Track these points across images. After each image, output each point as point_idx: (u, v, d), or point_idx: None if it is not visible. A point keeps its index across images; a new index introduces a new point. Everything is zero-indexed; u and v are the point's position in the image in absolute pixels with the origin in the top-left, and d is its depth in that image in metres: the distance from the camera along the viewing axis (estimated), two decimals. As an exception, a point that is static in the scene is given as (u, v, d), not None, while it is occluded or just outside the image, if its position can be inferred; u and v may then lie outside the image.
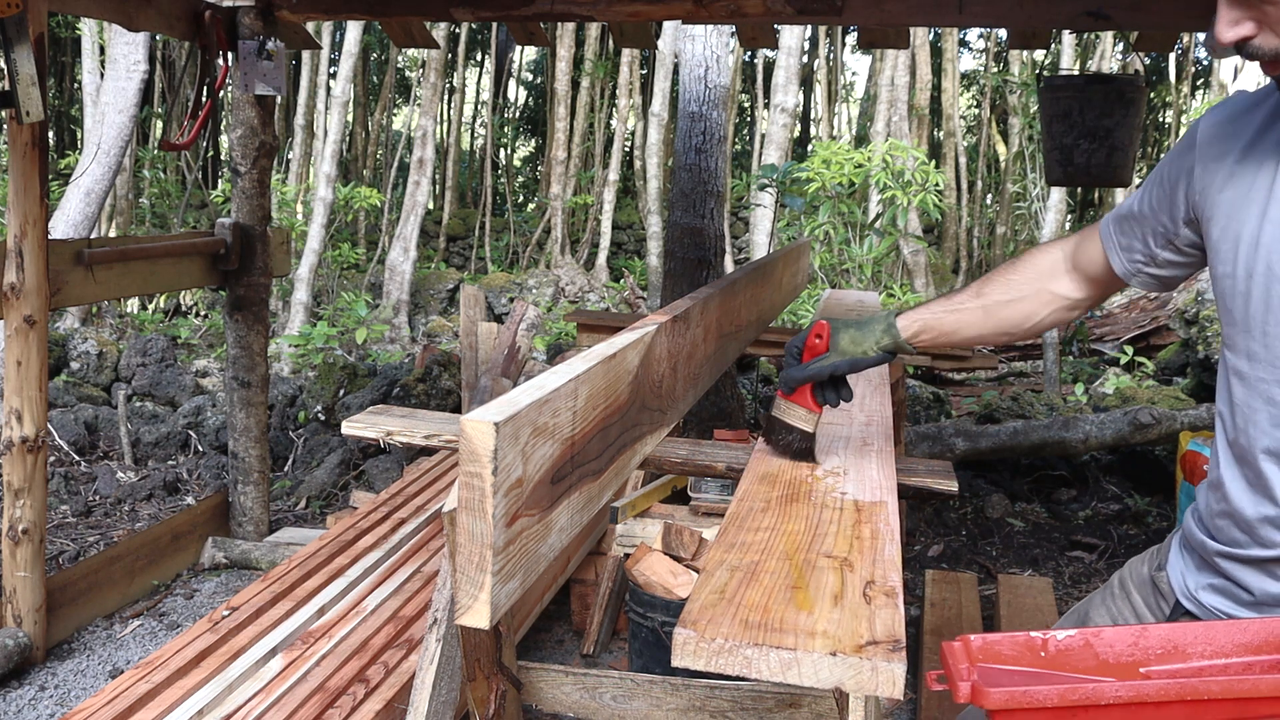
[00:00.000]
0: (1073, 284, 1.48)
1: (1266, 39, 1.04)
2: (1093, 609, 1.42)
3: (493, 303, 11.71)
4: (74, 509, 4.45)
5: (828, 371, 1.55)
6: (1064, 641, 1.04)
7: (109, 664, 3.17)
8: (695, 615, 1.05)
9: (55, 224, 6.03)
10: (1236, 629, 1.03)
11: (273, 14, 3.84)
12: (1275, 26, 1.03)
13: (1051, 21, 3.69)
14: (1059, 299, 1.48)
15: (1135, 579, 1.37)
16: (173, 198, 12.60)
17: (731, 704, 2.49)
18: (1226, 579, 1.21)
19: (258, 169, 3.95)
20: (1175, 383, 7.37)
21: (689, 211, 4.87)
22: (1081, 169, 3.80)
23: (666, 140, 12.84)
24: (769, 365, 6.63)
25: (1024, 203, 13.07)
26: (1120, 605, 1.37)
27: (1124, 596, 1.38)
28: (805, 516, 1.39)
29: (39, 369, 3.09)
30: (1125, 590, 1.38)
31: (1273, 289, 1.11)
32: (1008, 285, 1.50)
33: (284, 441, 5.31)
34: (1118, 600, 1.38)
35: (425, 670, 2.04)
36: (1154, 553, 1.38)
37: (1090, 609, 1.42)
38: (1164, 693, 0.94)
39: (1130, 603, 1.36)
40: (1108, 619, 1.38)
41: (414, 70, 17.67)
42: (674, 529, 2.98)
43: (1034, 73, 11.02)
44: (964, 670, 1.00)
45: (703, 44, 4.86)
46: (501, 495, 0.94)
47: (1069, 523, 4.68)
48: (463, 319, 3.79)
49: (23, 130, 2.98)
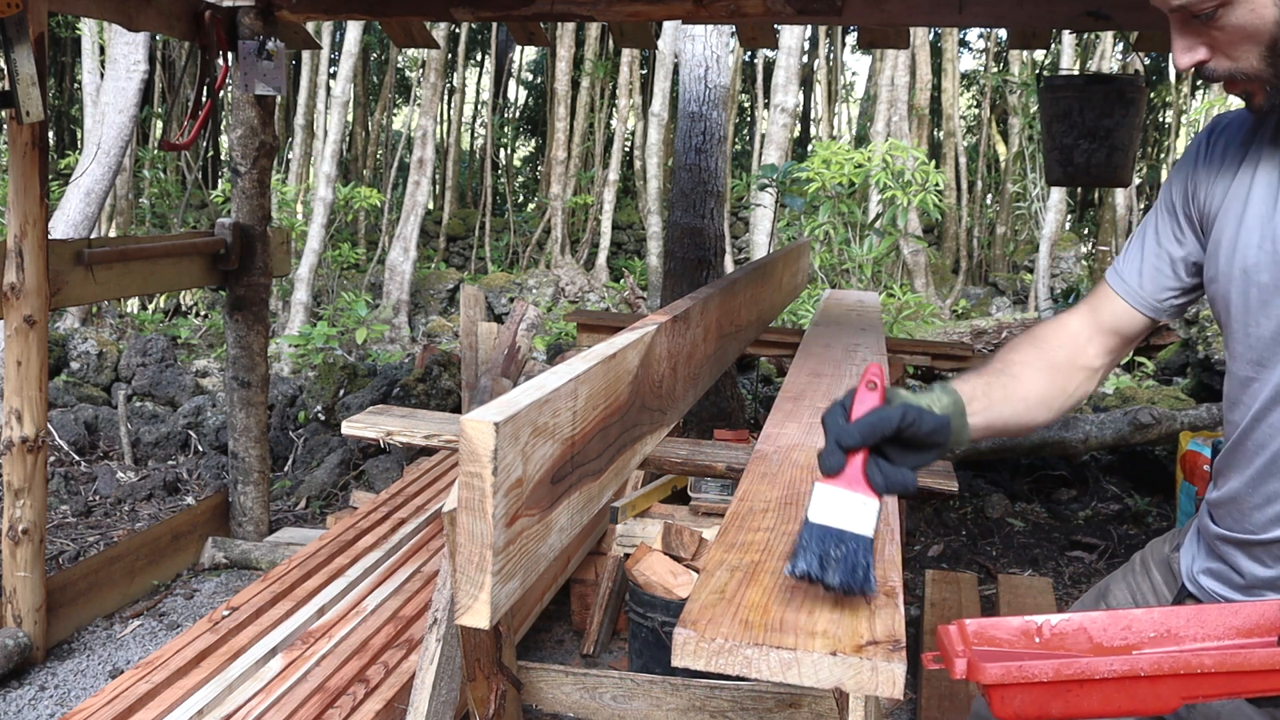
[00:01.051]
0: (1097, 349, 1.38)
1: (1220, 62, 1.10)
2: (1113, 584, 1.48)
3: (493, 303, 11.72)
4: (74, 509, 4.45)
5: (896, 420, 1.08)
6: (1058, 626, 1.05)
7: (109, 664, 3.17)
8: (695, 615, 1.05)
9: (55, 224, 6.03)
10: (1228, 612, 1.04)
11: (273, 14, 3.84)
12: (1226, 50, 1.09)
13: (1051, 21, 3.69)
14: (1084, 369, 1.37)
15: (1155, 558, 1.44)
16: (173, 198, 12.60)
17: (731, 704, 2.49)
18: (1223, 562, 1.27)
19: (258, 169, 3.95)
20: (1175, 383, 7.37)
21: (689, 211, 4.87)
22: (1081, 169, 3.80)
23: (666, 140, 12.85)
24: (769, 365, 6.63)
25: (1024, 203, 13.08)
26: (1140, 581, 1.44)
27: (1144, 574, 1.44)
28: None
29: (39, 369, 3.09)
30: (1146, 568, 1.44)
31: (1250, 291, 1.16)
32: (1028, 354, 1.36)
33: (284, 441, 5.31)
34: (1138, 577, 1.45)
35: (425, 670, 2.04)
36: (1174, 534, 1.44)
37: (1111, 584, 1.48)
38: (1157, 666, 0.95)
39: (1150, 580, 1.42)
40: (1127, 595, 1.44)
41: (414, 70, 17.67)
42: (674, 529, 2.98)
43: (1034, 73, 11.03)
44: (960, 650, 1.01)
45: (703, 44, 4.86)
46: (501, 495, 0.94)
47: (1069, 523, 4.68)
48: (463, 319, 3.79)
49: (23, 130, 2.98)
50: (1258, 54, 1.07)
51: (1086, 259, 13.46)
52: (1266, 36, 1.05)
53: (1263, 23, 1.04)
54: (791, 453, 1.72)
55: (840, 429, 1.09)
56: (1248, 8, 1.04)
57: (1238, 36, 1.06)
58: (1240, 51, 1.08)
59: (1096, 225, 15.87)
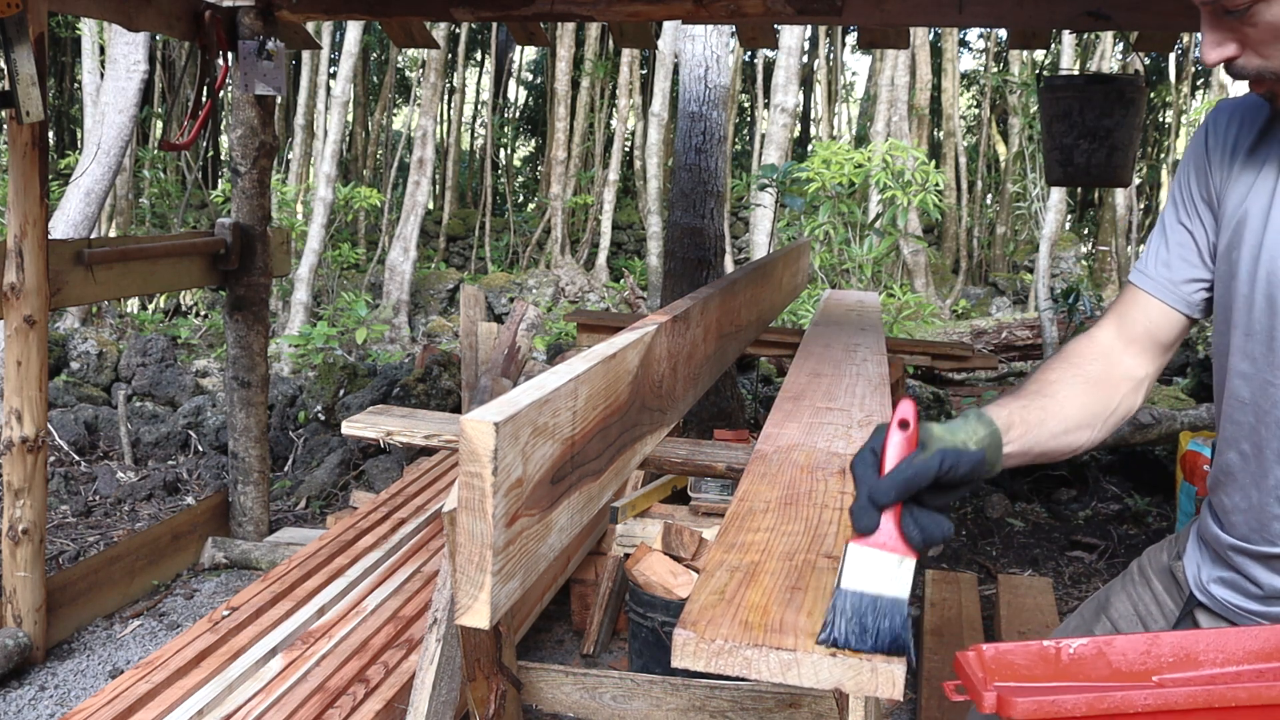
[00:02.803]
0: (1134, 358, 1.32)
1: (1249, 59, 1.07)
2: (1112, 595, 1.43)
3: (493, 303, 11.72)
4: (74, 509, 4.45)
5: (934, 469, 1.01)
6: (1077, 651, 1.04)
7: (109, 664, 3.17)
8: (695, 616, 1.05)
9: (55, 224, 6.03)
10: (1248, 636, 1.03)
11: (273, 14, 3.84)
12: (1257, 48, 1.05)
13: (1051, 21, 3.69)
14: (1125, 380, 1.31)
15: (1155, 566, 1.39)
16: (173, 198, 12.60)
17: (731, 704, 2.49)
18: (1237, 573, 1.22)
19: (258, 169, 3.95)
20: (1175, 383, 7.37)
21: (689, 211, 4.87)
22: (1081, 169, 3.80)
23: (666, 140, 12.84)
24: (769, 365, 6.63)
25: (1024, 203, 13.07)
26: (1140, 592, 1.39)
27: (1144, 583, 1.39)
28: (805, 517, 1.39)
29: (39, 369, 3.09)
30: (1145, 577, 1.40)
31: (1276, 295, 1.12)
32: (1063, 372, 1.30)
33: (284, 441, 5.31)
34: (1138, 587, 1.40)
35: (425, 670, 2.04)
36: (1172, 541, 1.40)
37: (1110, 595, 1.43)
38: (1191, 700, 0.94)
39: (1151, 589, 1.38)
40: (1128, 605, 1.39)
41: (414, 70, 17.67)
42: (674, 529, 2.98)
43: (1034, 73, 11.02)
44: (982, 679, 1.00)
45: (703, 44, 4.86)
46: (501, 495, 0.94)
47: (1069, 523, 4.68)
48: (463, 319, 3.80)
49: (23, 130, 2.98)
50: None
51: (1086, 259, 13.47)
52: None
53: None
54: (791, 453, 1.72)
55: (874, 486, 1.01)
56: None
57: (1270, 34, 1.03)
58: (1272, 50, 1.05)
59: (1096, 225, 15.88)
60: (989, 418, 1.13)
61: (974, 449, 1.07)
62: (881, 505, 1.01)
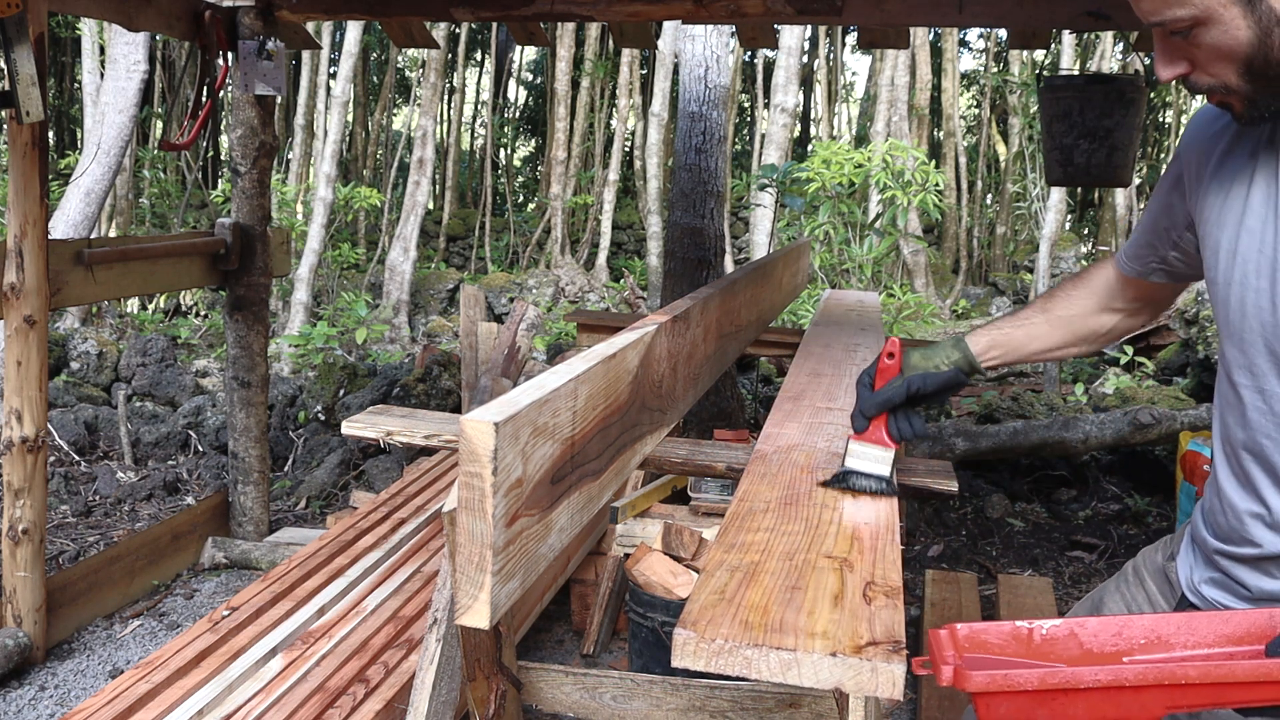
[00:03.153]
0: (1126, 299, 1.52)
1: (1200, 76, 1.12)
2: (1107, 595, 1.45)
3: (493, 303, 11.72)
4: (74, 509, 4.45)
5: (903, 391, 1.44)
6: (1049, 631, 1.05)
7: (109, 664, 3.17)
8: (695, 616, 1.05)
9: (55, 224, 6.03)
10: (1219, 620, 1.04)
11: (273, 14, 3.84)
12: (1205, 66, 1.11)
13: (1051, 21, 3.68)
14: (1118, 312, 1.53)
15: (1149, 567, 1.41)
16: (173, 198, 12.60)
17: (731, 704, 2.49)
18: (1225, 575, 1.24)
19: (258, 169, 3.95)
20: (1175, 383, 7.37)
21: (689, 211, 4.87)
22: (1081, 169, 3.80)
23: (666, 140, 12.84)
24: (769, 365, 6.63)
25: (1024, 203, 13.07)
26: (1134, 592, 1.42)
27: (1138, 584, 1.42)
28: (805, 517, 1.39)
29: (39, 369, 3.09)
30: (1139, 578, 1.42)
31: (1247, 298, 1.15)
32: (1070, 300, 1.53)
33: (284, 441, 5.31)
34: (1132, 587, 1.42)
35: (425, 670, 2.04)
36: (1167, 542, 1.42)
37: (1104, 595, 1.46)
38: (1142, 677, 0.95)
39: (1145, 590, 1.40)
40: (1122, 605, 1.42)
41: (414, 70, 17.67)
42: (674, 529, 2.98)
43: (1034, 73, 11.02)
44: (949, 655, 1.01)
45: (703, 44, 4.86)
46: (501, 495, 0.94)
47: (1069, 523, 4.68)
48: (463, 319, 3.80)
49: (23, 130, 2.98)
50: (1234, 71, 1.08)
51: (1086, 259, 13.46)
52: (1242, 55, 1.07)
53: (1237, 43, 1.06)
54: (791, 453, 1.72)
55: (864, 401, 1.48)
56: (1221, 28, 1.06)
57: (1214, 55, 1.08)
58: (1218, 68, 1.10)
59: (1096, 225, 15.88)
60: (965, 344, 1.51)
61: (945, 369, 1.48)
62: (869, 416, 1.48)
